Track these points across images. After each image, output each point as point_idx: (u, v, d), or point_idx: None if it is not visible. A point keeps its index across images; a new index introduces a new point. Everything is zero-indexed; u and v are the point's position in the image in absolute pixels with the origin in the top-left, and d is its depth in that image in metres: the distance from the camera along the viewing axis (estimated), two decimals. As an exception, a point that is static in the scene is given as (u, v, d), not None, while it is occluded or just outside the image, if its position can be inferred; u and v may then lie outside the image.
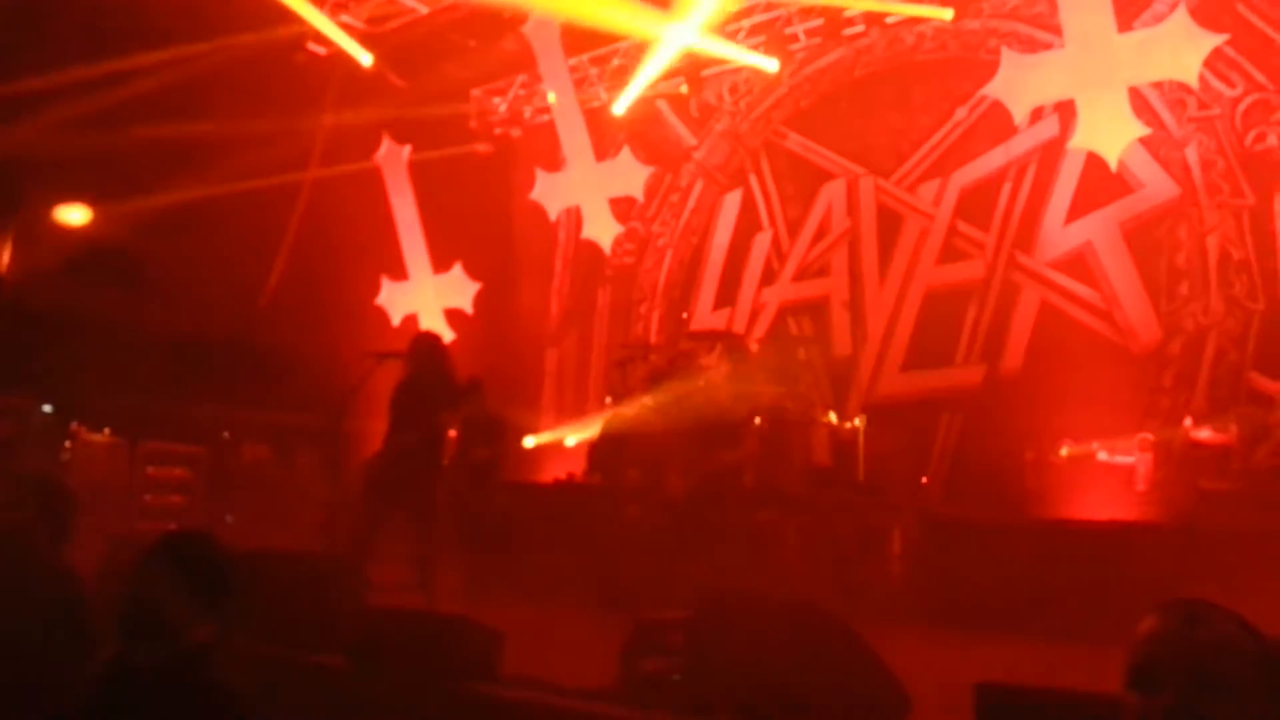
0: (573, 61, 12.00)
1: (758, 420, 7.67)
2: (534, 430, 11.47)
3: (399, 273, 13.26)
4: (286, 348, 11.21)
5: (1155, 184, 8.83)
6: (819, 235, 10.86)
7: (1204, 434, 7.89)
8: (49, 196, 10.64)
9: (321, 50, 12.29)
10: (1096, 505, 7.77)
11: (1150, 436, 7.71)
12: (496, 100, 13.37)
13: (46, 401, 10.01)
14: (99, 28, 10.17)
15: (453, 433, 7.62)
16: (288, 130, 11.32)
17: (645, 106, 12.12)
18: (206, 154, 10.70)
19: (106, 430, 10.25)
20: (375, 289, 13.21)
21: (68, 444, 9.92)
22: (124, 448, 10.16)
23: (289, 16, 11.66)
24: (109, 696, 2.49)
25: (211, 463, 10.56)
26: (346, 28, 12.25)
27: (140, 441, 10.22)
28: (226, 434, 10.84)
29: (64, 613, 3.10)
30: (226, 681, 2.43)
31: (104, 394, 9.55)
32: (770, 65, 10.99)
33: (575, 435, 10.80)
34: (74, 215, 11.27)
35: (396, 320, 13.03)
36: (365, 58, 12.19)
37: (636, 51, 11.91)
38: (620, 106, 11.70)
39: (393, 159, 13.38)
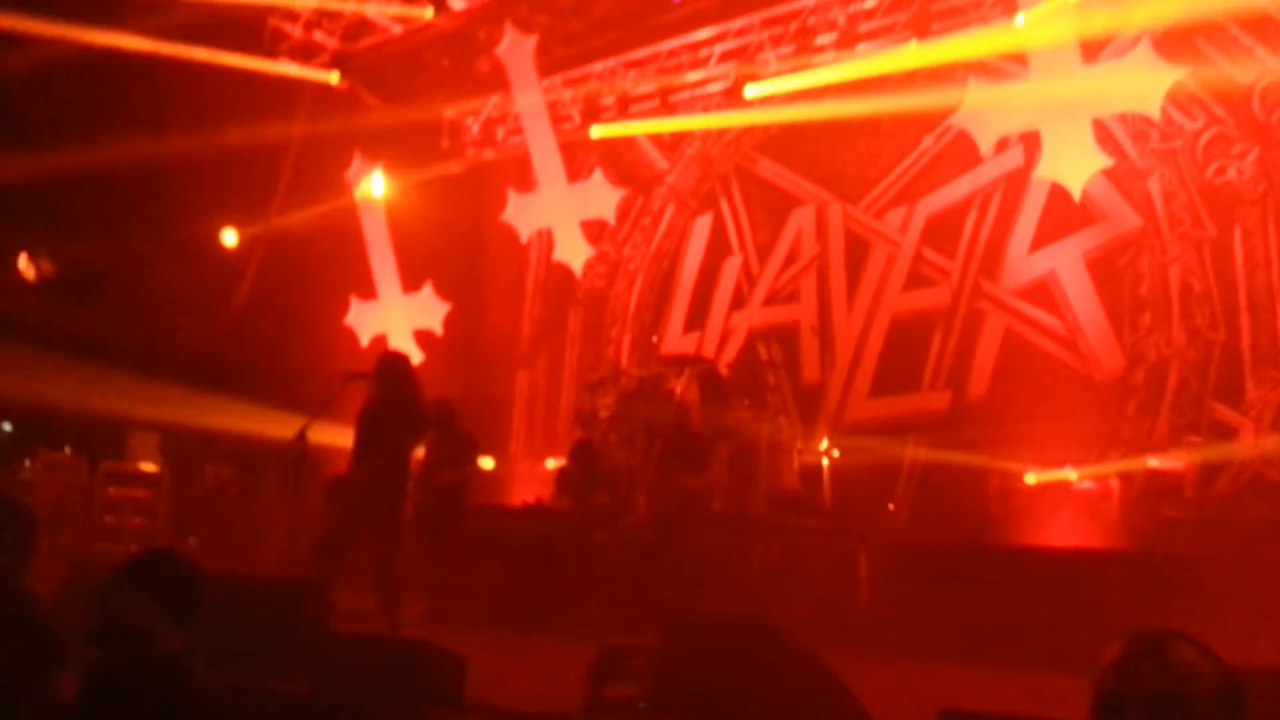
0: (546, 83, 12.03)
1: (726, 445, 7.68)
2: (504, 452, 11.43)
3: (368, 292, 13.19)
4: (252, 367, 11.12)
5: (1118, 215, 8.97)
6: (788, 260, 10.94)
7: (1164, 463, 8.00)
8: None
9: (294, 67, 12.24)
10: (1061, 532, 7.84)
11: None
12: (469, 120, 13.38)
13: (6, 420, 9.85)
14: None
15: (419, 454, 7.56)
16: (258, 146, 11.25)
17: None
18: (175, 168, 10.62)
19: (67, 449, 10.09)
20: (344, 308, 13.13)
21: (28, 463, 9.76)
22: (85, 467, 10.00)
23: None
24: (84, 704, 2.60)
25: (174, 484, 10.41)
26: (319, 45, 12.23)
27: (101, 461, 10.07)
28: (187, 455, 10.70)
29: (22, 634, 3.05)
30: (197, 687, 2.55)
31: (66, 412, 9.41)
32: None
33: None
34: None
35: (365, 340, 12.93)
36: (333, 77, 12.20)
37: (609, 75, 11.98)
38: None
39: (363, 177, 13.32)
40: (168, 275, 11.06)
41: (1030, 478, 8.43)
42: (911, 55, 9.97)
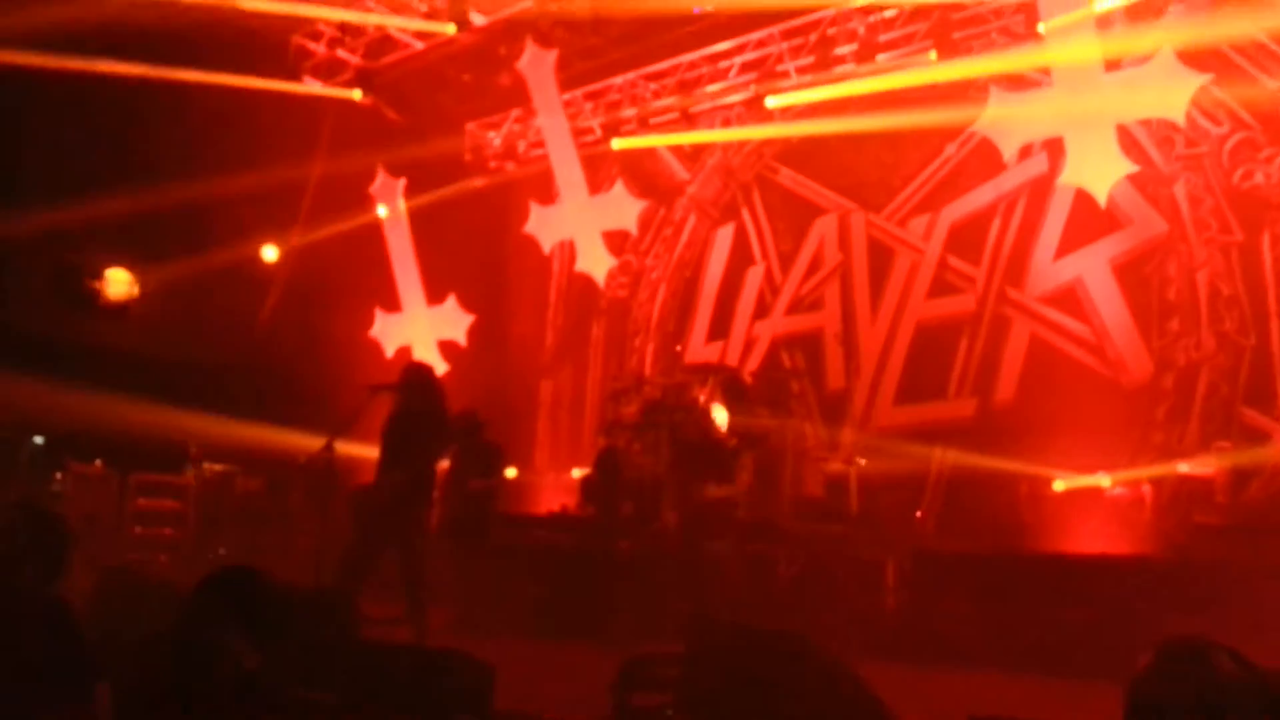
0: (567, 96, 12.09)
1: (751, 454, 7.67)
2: (529, 462, 11.45)
3: (393, 304, 13.28)
4: (280, 379, 11.20)
5: (1144, 220, 8.91)
6: (811, 269, 10.93)
7: (1195, 469, 7.93)
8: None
9: (318, 84, 12.37)
10: (1091, 539, 7.78)
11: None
12: (491, 134, 13.47)
13: (37, 433, 9.97)
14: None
15: (445, 464, 7.58)
16: (283, 162, 11.37)
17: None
18: (201, 184, 10.74)
19: (98, 461, 10.20)
20: (369, 321, 13.23)
21: (58, 475, 9.86)
22: (115, 479, 10.10)
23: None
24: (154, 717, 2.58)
25: (203, 495, 10.50)
26: (342, 63, 12.36)
27: (131, 473, 10.17)
28: (218, 466, 10.78)
29: (57, 645, 3.07)
30: (268, 709, 2.56)
31: (95, 425, 9.51)
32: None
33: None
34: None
35: (390, 352, 13.02)
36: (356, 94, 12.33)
37: (629, 87, 12.03)
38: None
39: (388, 191, 13.44)
40: (194, 289, 11.16)
41: (1059, 485, 8.37)
42: (932, 73, 9.95)
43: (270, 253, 12.51)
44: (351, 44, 12.31)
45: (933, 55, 9.98)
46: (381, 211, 13.27)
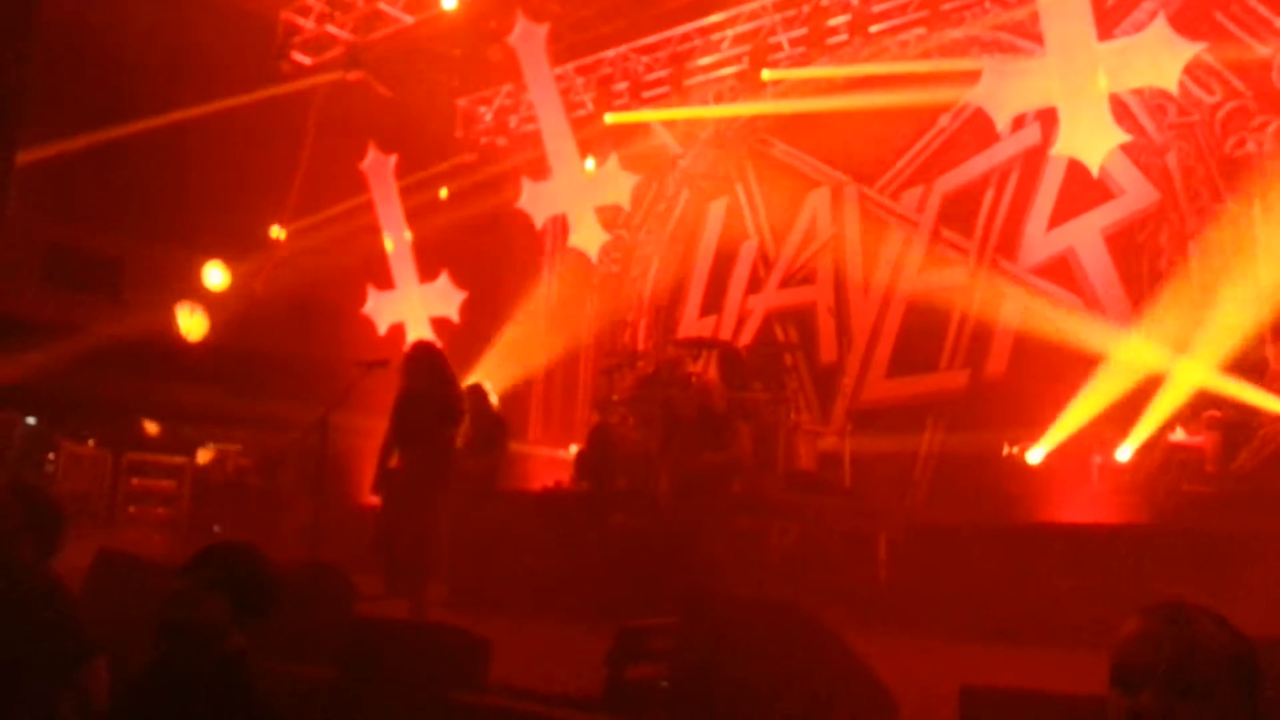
0: (558, 70, 12.02)
1: (746, 425, 7.68)
2: (523, 438, 11.47)
3: (385, 282, 13.25)
4: (271, 356, 11.19)
5: (1137, 190, 8.91)
6: (804, 242, 10.92)
7: (1185, 437, 7.96)
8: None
9: (306, 60, 12.29)
10: (1082, 508, 7.83)
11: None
12: (482, 109, 13.40)
13: (30, 414, 9.97)
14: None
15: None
16: (272, 139, 11.32)
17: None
18: (190, 161, 10.69)
19: (91, 442, 10.20)
20: (361, 298, 13.20)
21: (52, 456, 9.87)
22: (108, 459, 10.12)
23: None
24: (146, 698, 2.59)
25: (196, 473, 10.52)
26: (332, 38, 12.27)
27: (124, 453, 10.18)
28: (211, 445, 10.80)
29: (52, 624, 3.10)
30: (258, 688, 2.56)
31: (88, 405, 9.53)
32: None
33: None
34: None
35: (383, 329, 13.02)
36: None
37: (621, 61, 11.97)
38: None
39: (379, 167, 13.38)
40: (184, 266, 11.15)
41: (1047, 455, 8.40)
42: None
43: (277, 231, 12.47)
44: (341, 19, 12.21)
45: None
46: (373, 187, 13.21)
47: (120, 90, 10.60)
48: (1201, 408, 7.72)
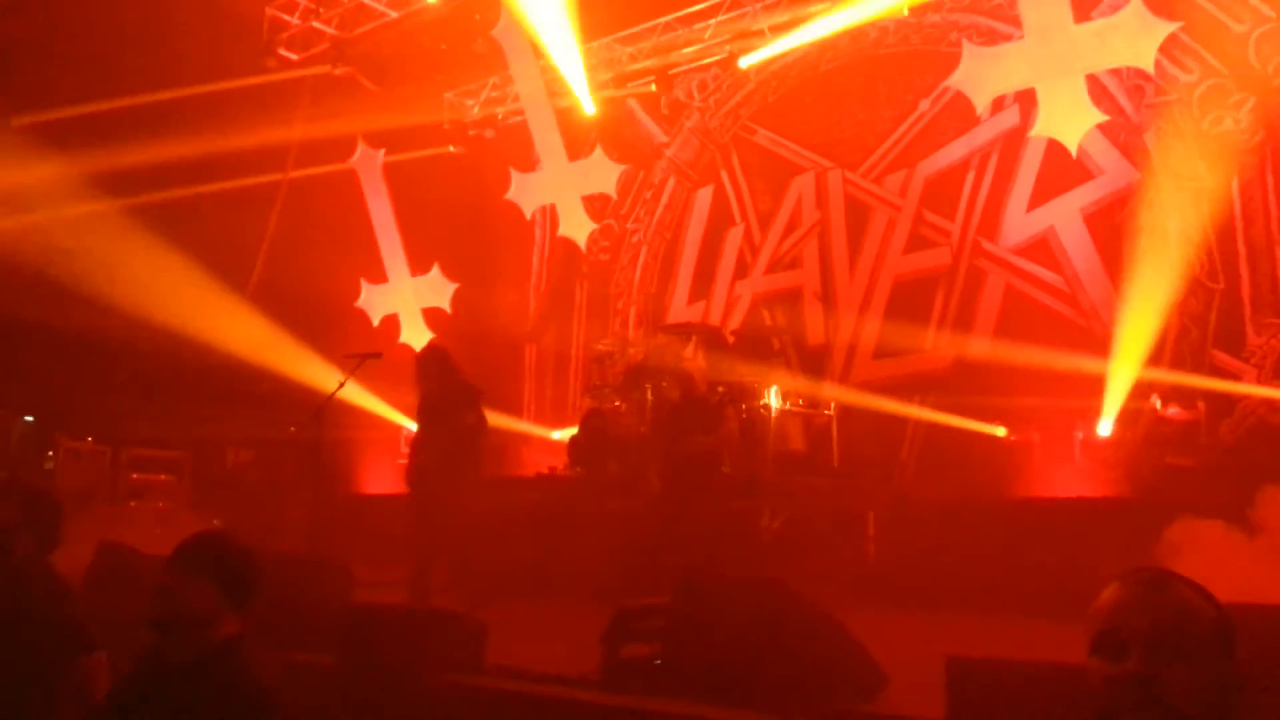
0: (544, 62, 12.06)
1: (734, 409, 7.78)
2: (516, 425, 11.55)
3: (378, 275, 13.31)
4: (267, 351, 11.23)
5: (1115, 169, 9.01)
6: (790, 228, 11.01)
7: (1170, 410, 8.08)
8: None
9: (294, 56, 12.31)
10: (1066, 482, 7.94)
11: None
12: (469, 102, 13.44)
13: (28, 412, 10.03)
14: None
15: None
16: (262, 136, 11.34)
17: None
18: (181, 160, 10.71)
19: (89, 438, 10.26)
20: (354, 292, 13.26)
21: (50, 453, 9.93)
22: (107, 455, 10.19)
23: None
24: (143, 689, 2.61)
25: (195, 467, 10.59)
26: (318, 33, 12.29)
27: (123, 448, 10.25)
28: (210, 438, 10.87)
29: (52, 618, 3.13)
30: (254, 673, 2.56)
31: (85, 402, 9.58)
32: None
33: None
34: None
35: (376, 321, 13.10)
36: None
37: (603, 51, 12.01)
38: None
39: (368, 163, 13.42)
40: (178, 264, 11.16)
41: (1030, 431, 8.52)
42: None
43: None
44: (326, 15, 12.23)
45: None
46: (363, 182, 13.24)
47: (105, 86, 10.62)
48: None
